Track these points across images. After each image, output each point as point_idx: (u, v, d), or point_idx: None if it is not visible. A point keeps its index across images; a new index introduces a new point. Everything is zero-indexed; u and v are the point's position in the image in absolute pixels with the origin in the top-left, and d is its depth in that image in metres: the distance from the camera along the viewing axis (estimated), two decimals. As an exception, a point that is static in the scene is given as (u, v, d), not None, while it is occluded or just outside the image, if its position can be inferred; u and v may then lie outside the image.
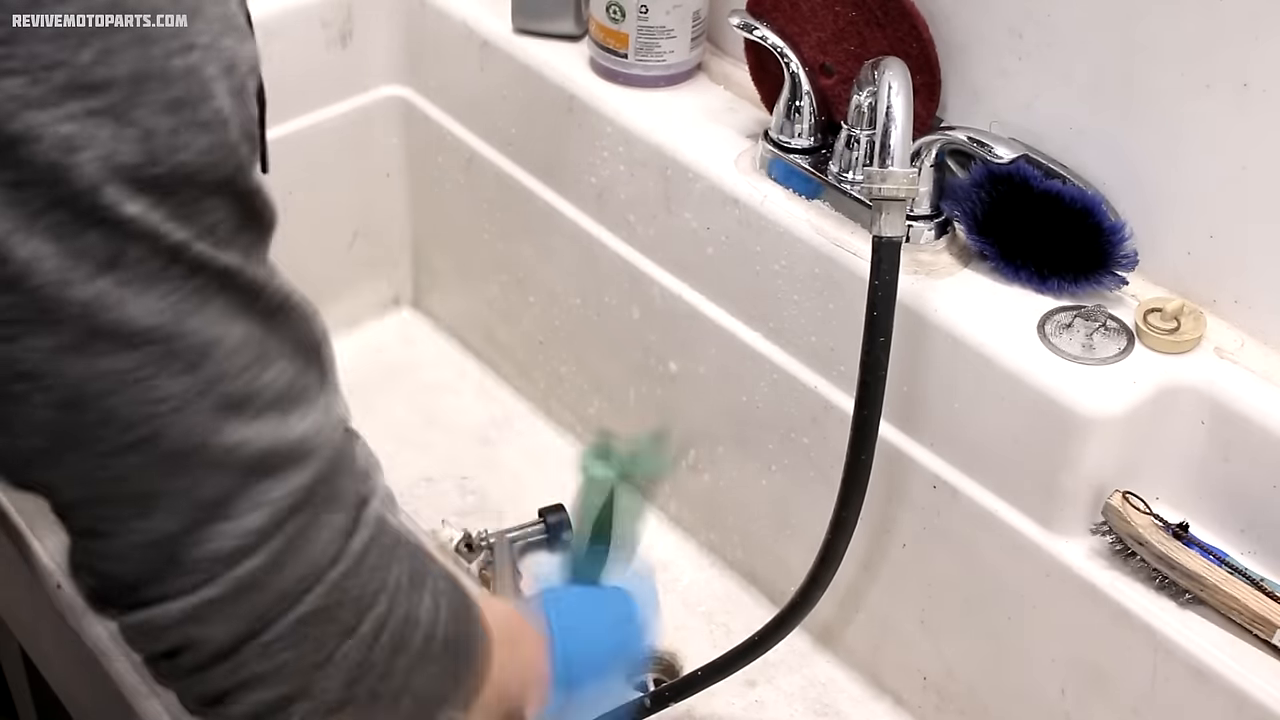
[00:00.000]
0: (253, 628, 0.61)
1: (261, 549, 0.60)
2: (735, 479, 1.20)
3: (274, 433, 0.60)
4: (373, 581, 0.65)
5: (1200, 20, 0.88)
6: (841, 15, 1.03)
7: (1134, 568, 0.92)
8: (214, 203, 0.56)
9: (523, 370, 1.38)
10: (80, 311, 0.53)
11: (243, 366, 0.58)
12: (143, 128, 0.53)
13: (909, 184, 0.90)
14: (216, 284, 0.57)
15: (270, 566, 0.61)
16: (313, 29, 1.28)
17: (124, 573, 0.60)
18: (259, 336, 0.59)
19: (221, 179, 0.56)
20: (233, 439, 0.58)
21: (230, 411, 0.58)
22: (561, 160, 1.22)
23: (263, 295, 0.59)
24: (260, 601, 0.61)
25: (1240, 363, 0.93)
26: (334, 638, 0.64)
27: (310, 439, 0.61)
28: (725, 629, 1.20)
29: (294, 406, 0.61)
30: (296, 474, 0.61)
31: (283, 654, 0.62)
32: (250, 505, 0.59)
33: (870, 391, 0.93)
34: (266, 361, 0.59)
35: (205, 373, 0.57)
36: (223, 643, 0.62)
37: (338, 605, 0.63)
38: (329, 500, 0.62)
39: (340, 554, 0.63)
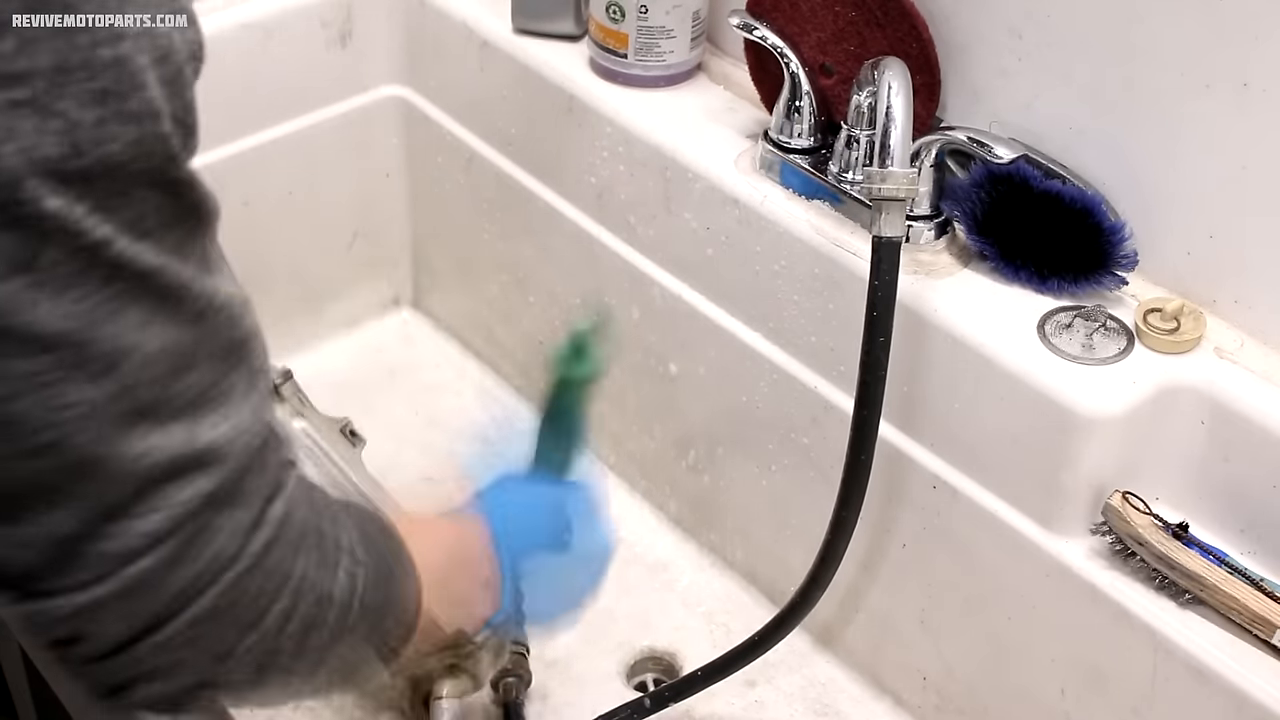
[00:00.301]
0: (146, 625, 0.60)
1: (156, 549, 0.59)
2: (735, 479, 1.20)
3: (183, 440, 0.58)
4: (274, 577, 0.63)
5: (1200, 20, 0.88)
6: (841, 15, 1.03)
7: (1134, 568, 0.92)
8: (142, 194, 0.54)
9: (523, 370, 1.38)
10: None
11: (156, 375, 0.57)
12: (67, 119, 0.51)
13: (909, 184, 0.90)
14: (137, 288, 0.55)
15: (163, 567, 0.59)
16: (313, 29, 1.28)
17: (22, 561, 0.59)
18: (178, 342, 0.57)
19: (150, 170, 0.54)
20: (139, 447, 0.57)
21: (138, 419, 0.57)
22: (561, 160, 1.22)
23: (186, 299, 0.57)
24: (153, 601, 0.60)
25: (1240, 363, 0.93)
26: (234, 632, 0.63)
27: (220, 446, 0.60)
28: (725, 629, 1.20)
29: (208, 411, 0.59)
30: (201, 479, 0.59)
31: (179, 651, 0.62)
32: (149, 508, 0.58)
33: (870, 391, 0.93)
34: (184, 368, 0.58)
35: (115, 381, 0.55)
36: (116, 638, 0.61)
37: (235, 604, 0.62)
38: (231, 501, 0.61)
39: (239, 553, 0.62)
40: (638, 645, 1.18)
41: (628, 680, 1.17)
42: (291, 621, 0.65)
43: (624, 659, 1.17)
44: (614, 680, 1.16)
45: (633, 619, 1.20)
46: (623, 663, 1.17)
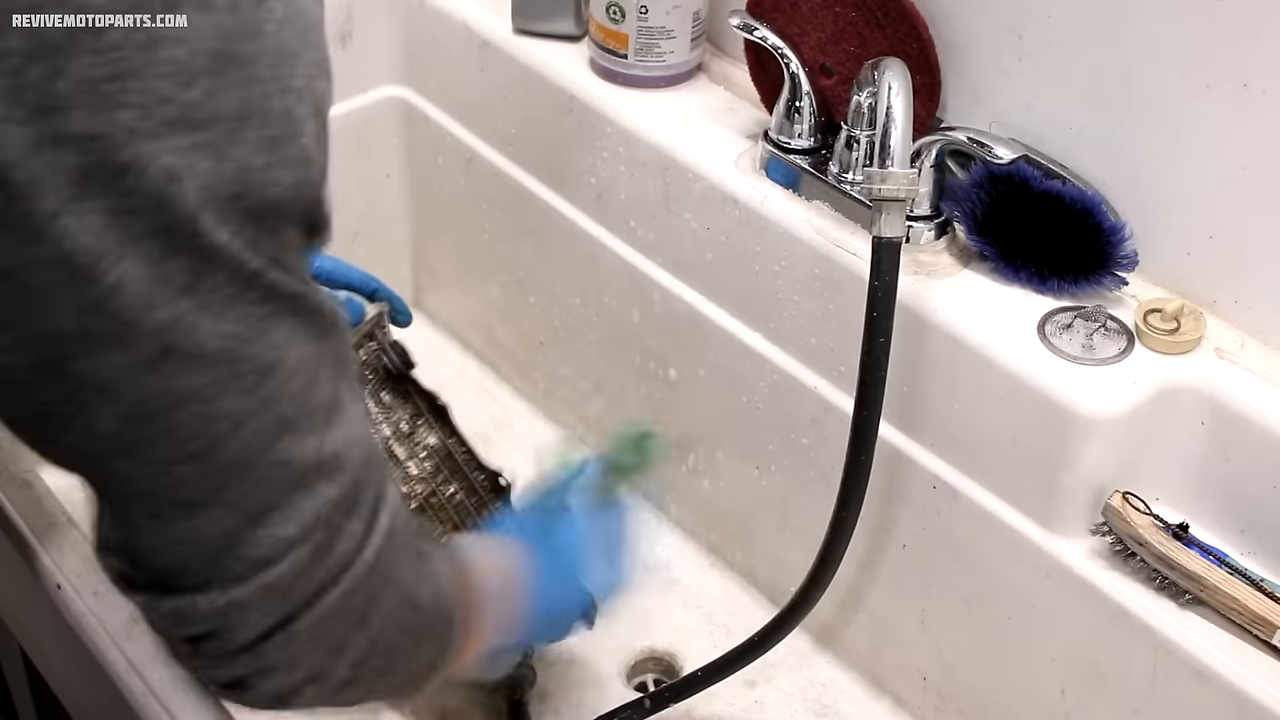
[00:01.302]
0: (277, 624, 0.65)
1: (290, 556, 0.63)
2: (735, 479, 1.20)
3: (315, 450, 0.63)
4: (380, 580, 0.68)
5: (1200, 21, 0.88)
6: (841, 16, 1.03)
7: (1134, 568, 0.92)
8: (292, 232, 0.60)
9: (523, 370, 1.38)
10: (158, 331, 0.56)
11: (295, 389, 0.61)
12: (241, 162, 0.55)
13: (909, 184, 0.90)
14: (286, 309, 0.60)
15: (297, 573, 0.64)
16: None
17: (163, 564, 0.63)
18: (310, 356, 0.62)
19: (302, 212, 0.60)
20: (282, 456, 0.61)
21: (283, 431, 0.61)
22: (561, 160, 1.22)
23: (317, 317, 0.62)
24: (285, 603, 0.65)
25: (1240, 363, 0.93)
26: (346, 631, 0.68)
27: (341, 453, 0.64)
28: (725, 629, 1.20)
29: (332, 421, 0.64)
30: (327, 487, 0.64)
31: (300, 649, 0.66)
32: (284, 517, 0.63)
33: (870, 392, 0.93)
34: (314, 382, 0.62)
35: (265, 393, 0.60)
36: (248, 637, 0.65)
37: (351, 605, 0.67)
38: (350, 510, 0.66)
39: (356, 559, 0.66)
40: (638, 645, 1.18)
41: (628, 680, 1.17)
42: (391, 623, 0.70)
43: (624, 659, 1.17)
44: (614, 680, 1.16)
45: (633, 619, 1.20)
46: (623, 663, 1.17)
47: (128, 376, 0.57)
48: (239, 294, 0.57)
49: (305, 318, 0.61)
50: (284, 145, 0.58)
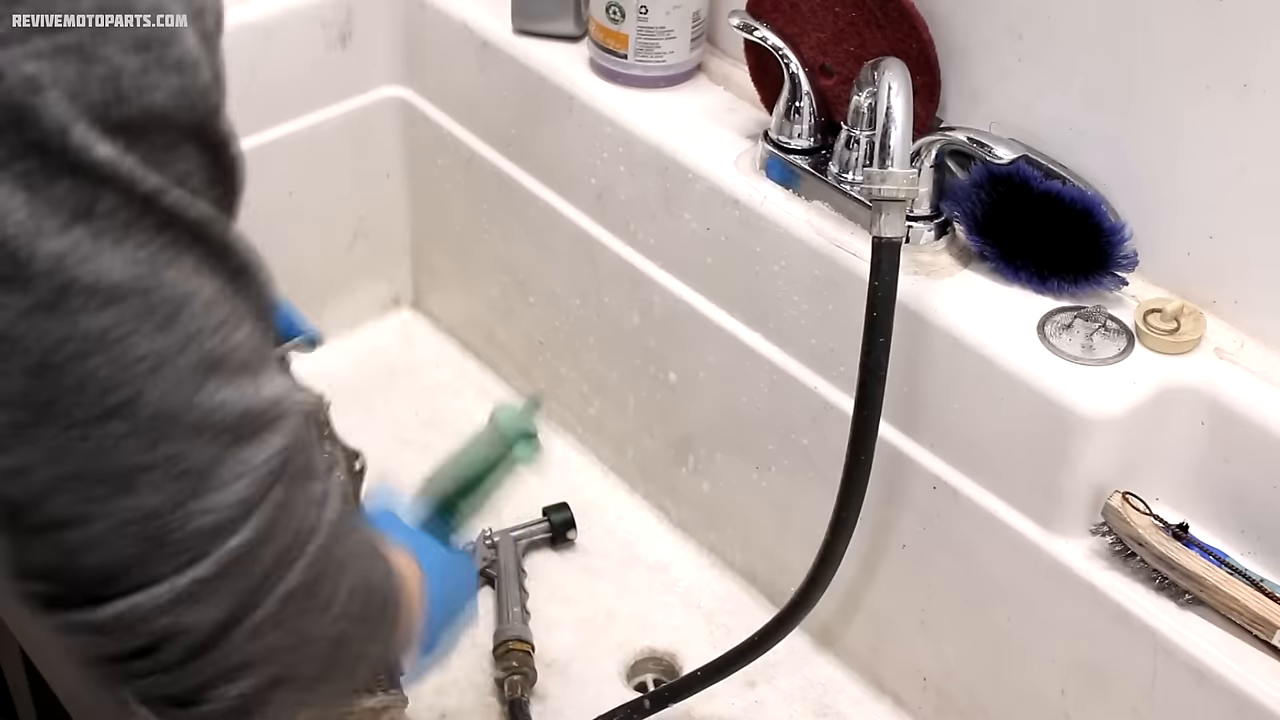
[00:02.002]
0: (241, 607, 0.59)
1: (249, 521, 0.58)
2: (735, 480, 1.20)
3: (251, 395, 0.58)
4: (343, 551, 0.63)
5: (1200, 22, 0.88)
6: (841, 16, 1.03)
7: (1134, 568, 0.92)
8: (187, 150, 0.54)
9: (523, 370, 1.38)
10: (54, 265, 0.51)
11: (216, 324, 0.56)
12: (111, 65, 0.51)
13: (909, 185, 0.90)
14: (189, 237, 0.55)
15: (258, 540, 0.58)
16: (313, 29, 1.28)
17: (103, 562, 0.56)
18: (229, 295, 0.57)
19: (194, 124, 0.54)
20: (213, 400, 0.56)
21: (209, 371, 0.56)
22: (561, 161, 1.22)
23: (230, 252, 0.57)
24: (249, 578, 0.59)
25: (1240, 363, 0.93)
26: (315, 613, 0.62)
27: (281, 402, 0.59)
28: (725, 629, 1.20)
29: (261, 369, 0.59)
30: (273, 437, 0.58)
31: (270, 634, 0.60)
32: (233, 474, 0.57)
33: (870, 392, 0.93)
34: (236, 321, 0.57)
35: (183, 329, 0.55)
36: (209, 628, 0.59)
37: (319, 578, 0.62)
38: (304, 468, 0.61)
39: (318, 524, 0.61)
40: (638, 645, 1.18)
41: (628, 680, 1.17)
42: (354, 603, 0.65)
43: (624, 659, 1.17)
44: (614, 680, 1.16)
45: (633, 619, 1.20)
46: (623, 663, 1.17)
47: (29, 321, 0.51)
48: (136, 219, 0.52)
49: (215, 248, 0.56)
50: (159, 47, 0.52)
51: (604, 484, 1.32)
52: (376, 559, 0.67)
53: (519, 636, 1.13)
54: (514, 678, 1.10)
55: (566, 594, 1.21)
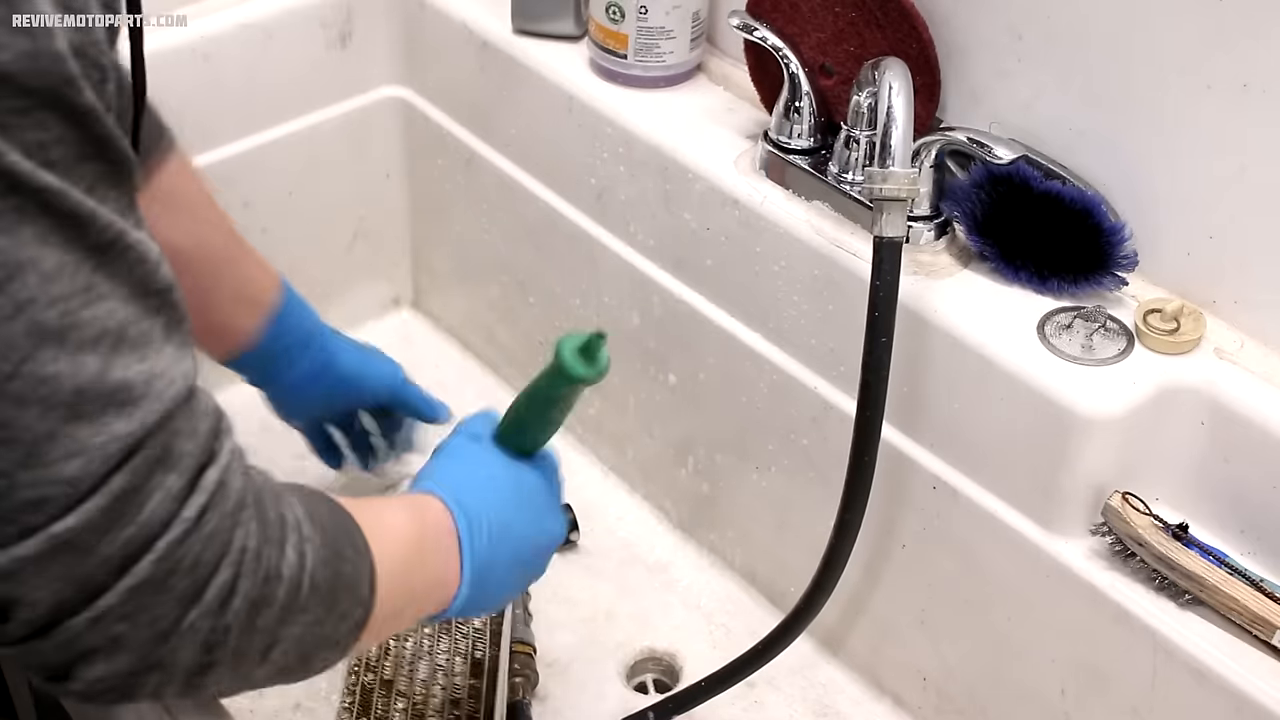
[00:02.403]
0: (80, 594, 0.58)
1: (82, 505, 0.56)
2: (735, 480, 1.20)
3: (94, 373, 0.56)
4: (212, 547, 0.61)
5: (1200, 21, 0.88)
6: (841, 16, 1.03)
7: (1134, 568, 0.92)
8: (43, 117, 0.53)
9: (523, 370, 1.38)
10: None
11: (58, 296, 0.54)
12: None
13: (910, 184, 0.90)
14: (34, 205, 0.53)
15: (92, 525, 0.56)
16: (313, 29, 1.28)
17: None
18: (84, 269, 0.55)
19: (47, 89, 0.52)
20: (44, 371, 0.54)
21: (41, 341, 0.54)
22: (561, 161, 1.22)
23: (91, 227, 0.55)
24: (85, 565, 0.57)
25: (1240, 363, 0.93)
26: (174, 607, 0.60)
27: (136, 386, 0.57)
28: (725, 629, 1.20)
29: (123, 351, 0.57)
30: (117, 421, 0.56)
31: (116, 626, 0.59)
32: (65, 451, 0.55)
33: (872, 393, 0.93)
34: (92, 296, 0.56)
35: (12, 294, 0.53)
36: (47, 609, 0.58)
37: (173, 573, 0.59)
38: (160, 460, 0.58)
39: (172, 519, 0.59)
40: (638, 645, 1.18)
41: (627, 681, 1.17)
42: (235, 597, 0.62)
43: (624, 659, 1.17)
44: (614, 681, 1.16)
45: (633, 619, 1.20)
46: (623, 663, 1.17)
47: None
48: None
49: (66, 220, 0.54)
50: (6, 7, 0.50)
51: (604, 484, 1.32)
52: (283, 549, 0.65)
53: (521, 638, 1.13)
54: (515, 680, 1.10)
55: (567, 594, 1.21)
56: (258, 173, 1.29)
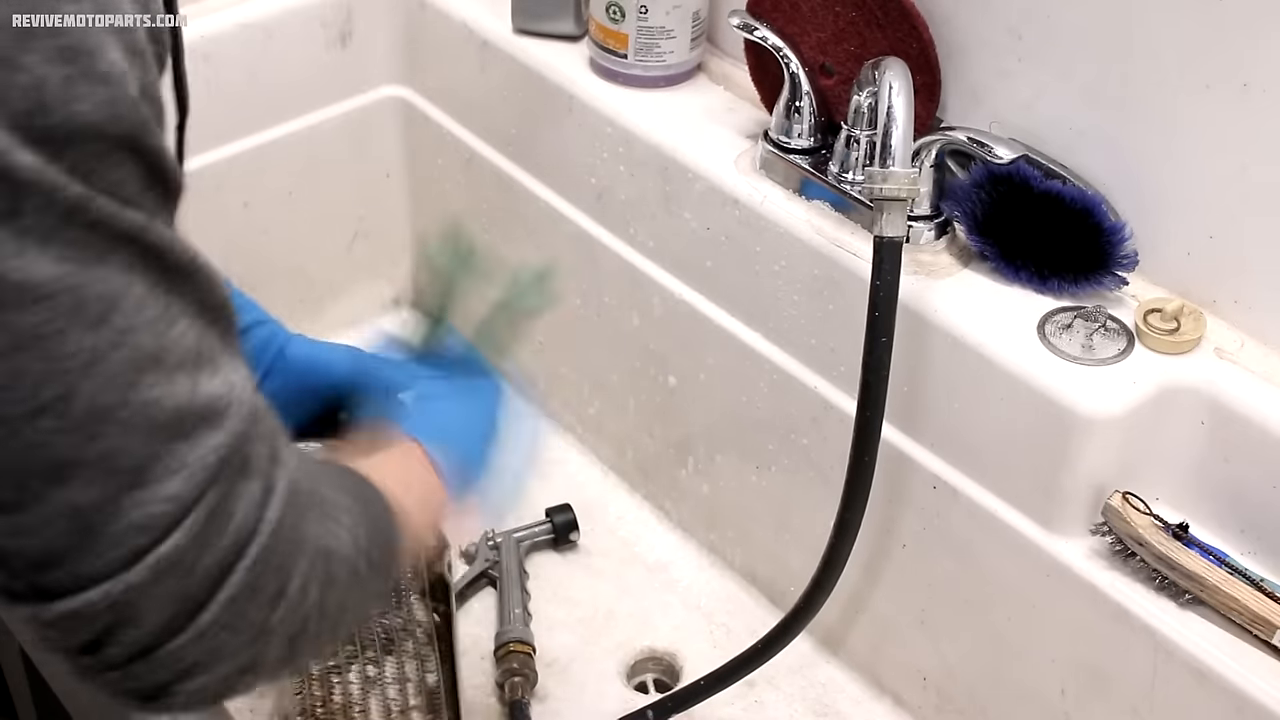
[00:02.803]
0: (185, 612, 0.59)
1: (183, 522, 0.58)
2: (735, 479, 1.20)
3: (187, 391, 0.58)
4: (291, 545, 0.63)
5: (1200, 20, 0.88)
6: (841, 16, 1.03)
7: (1134, 568, 0.92)
8: (118, 158, 0.55)
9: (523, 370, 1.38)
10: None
11: (149, 320, 0.56)
12: (33, 75, 0.51)
13: (910, 184, 0.90)
14: (122, 240, 0.55)
15: (194, 543, 0.58)
16: (313, 29, 1.28)
17: (38, 549, 0.57)
18: (163, 293, 0.57)
19: (123, 135, 0.54)
20: (147, 396, 0.56)
21: (142, 367, 0.56)
22: (561, 160, 1.22)
23: (168, 254, 0.57)
24: (189, 583, 0.59)
25: (1240, 363, 0.93)
26: (266, 608, 0.62)
27: (221, 398, 0.59)
28: (725, 629, 1.20)
29: (203, 365, 0.59)
30: (211, 435, 0.58)
31: (219, 636, 0.61)
32: (166, 470, 0.57)
33: (873, 393, 0.93)
34: (172, 318, 0.58)
35: (114, 326, 0.55)
36: (153, 631, 0.59)
37: (263, 577, 0.61)
38: (243, 467, 0.60)
39: (259, 525, 0.61)
40: (638, 645, 1.18)
41: (628, 680, 1.17)
42: (312, 586, 0.64)
43: (624, 659, 1.17)
44: (614, 680, 1.16)
45: (633, 619, 1.20)
46: (623, 663, 1.17)
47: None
48: (62, 225, 0.53)
49: (147, 250, 0.56)
50: (85, 59, 0.52)
51: (604, 484, 1.32)
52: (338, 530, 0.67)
53: (520, 639, 1.13)
54: (514, 679, 1.10)
55: (567, 594, 1.21)
56: (258, 173, 1.29)
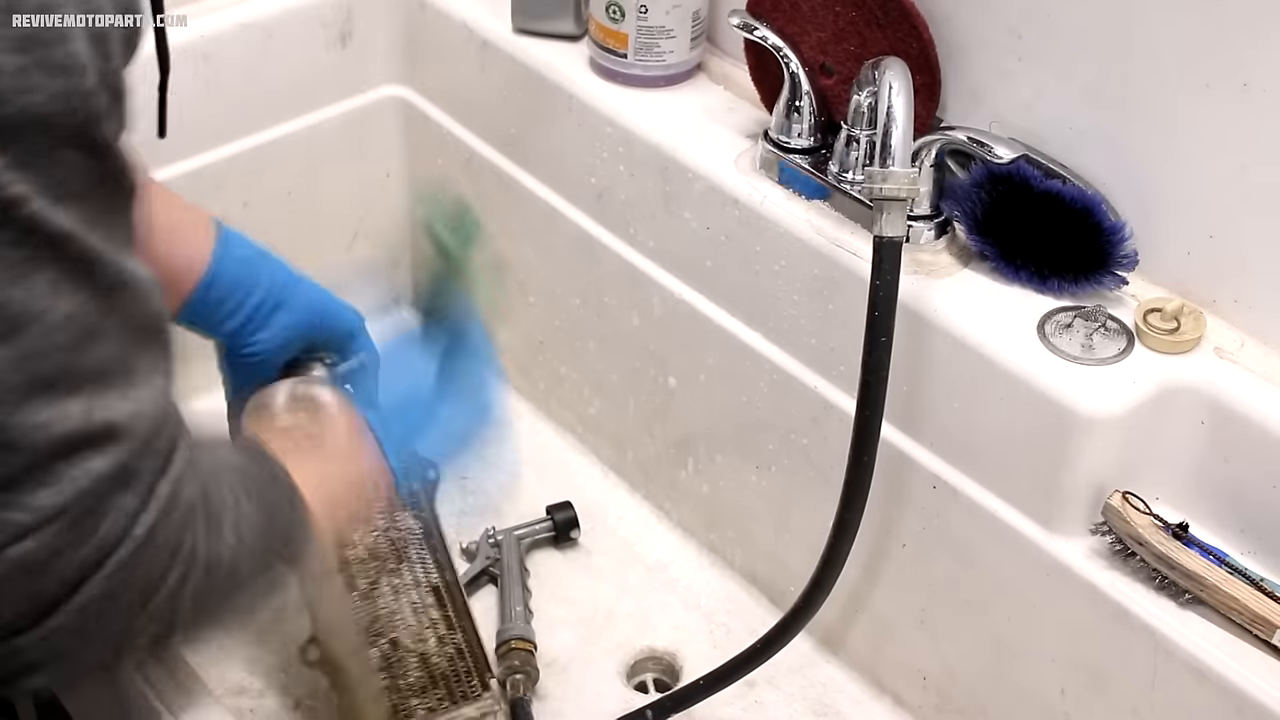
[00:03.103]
0: (31, 613, 0.58)
1: (42, 530, 0.56)
2: (735, 479, 1.20)
3: (81, 416, 0.56)
4: (160, 556, 0.61)
5: (1200, 20, 0.88)
6: (841, 15, 1.03)
7: (1134, 568, 0.92)
8: (63, 155, 0.53)
9: (523, 370, 1.38)
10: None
11: (59, 344, 0.55)
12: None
13: (910, 184, 0.90)
14: (49, 252, 0.53)
15: (48, 551, 0.57)
16: (313, 29, 1.28)
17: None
18: (85, 312, 0.55)
19: (74, 128, 0.53)
20: (36, 419, 0.55)
21: (38, 390, 0.54)
22: (561, 160, 1.22)
23: (97, 269, 0.55)
24: (37, 586, 0.57)
25: (1240, 363, 0.93)
26: (123, 616, 0.61)
27: (119, 425, 0.58)
28: (725, 629, 1.20)
29: (109, 388, 0.57)
30: (96, 458, 0.57)
31: (65, 640, 0.59)
32: (39, 484, 0.56)
33: (872, 392, 0.93)
34: (89, 340, 0.56)
35: (17, 348, 0.53)
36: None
37: (123, 586, 0.60)
38: (124, 481, 0.59)
39: (124, 537, 0.59)
40: (638, 645, 1.18)
41: (628, 680, 1.17)
42: (183, 592, 0.63)
43: (624, 659, 1.17)
44: (614, 680, 1.16)
45: (633, 619, 1.20)
46: (623, 663, 1.17)
47: None
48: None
49: (77, 264, 0.54)
50: (43, 47, 0.50)
51: (604, 484, 1.32)
52: (221, 535, 0.65)
53: (521, 636, 1.13)
54: (516, 677, 1.10)
55: (567, 594, 1.21)
56: (258, 173, 1.29)
